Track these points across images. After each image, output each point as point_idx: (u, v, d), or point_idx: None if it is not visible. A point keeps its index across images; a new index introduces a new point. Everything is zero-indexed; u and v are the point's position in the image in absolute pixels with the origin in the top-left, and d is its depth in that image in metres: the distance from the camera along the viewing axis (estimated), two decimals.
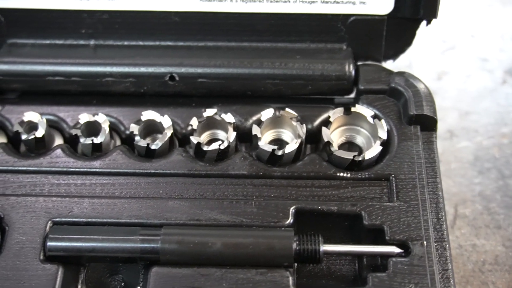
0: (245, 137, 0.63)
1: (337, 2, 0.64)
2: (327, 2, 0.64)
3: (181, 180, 0.59)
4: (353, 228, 0.59)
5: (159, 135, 0.63)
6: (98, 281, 0.58)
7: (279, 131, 0.63)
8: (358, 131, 0.63)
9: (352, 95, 0.66)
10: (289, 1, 0.64)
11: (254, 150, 0.62)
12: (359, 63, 0.66)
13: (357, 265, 0.58)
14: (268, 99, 0.65)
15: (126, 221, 0.56)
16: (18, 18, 0.66)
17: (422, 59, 0.84)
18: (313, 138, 0.64)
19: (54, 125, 0.64)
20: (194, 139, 0.60)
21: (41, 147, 0.62)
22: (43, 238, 0.56)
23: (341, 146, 0.62)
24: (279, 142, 0.63)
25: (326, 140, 0.60)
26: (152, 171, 0.59)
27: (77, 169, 0.60)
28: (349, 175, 0.59)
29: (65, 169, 0.60)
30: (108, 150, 0.62)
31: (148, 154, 0.61)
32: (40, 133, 0.61)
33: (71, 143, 0.63)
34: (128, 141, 0.64)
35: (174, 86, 0.65)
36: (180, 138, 0.64)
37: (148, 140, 0.62)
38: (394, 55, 0.67)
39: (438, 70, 0.83)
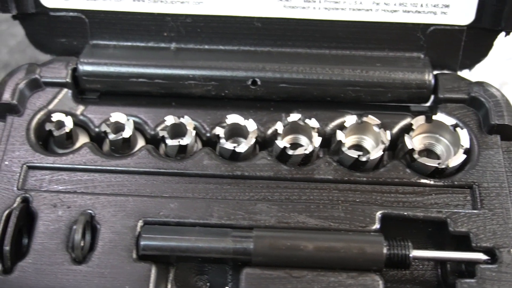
0: (323, 142, 0.64)
1: (419, 12, 0.65)
2: (408, 12, 0.65)
3: (267, 183, 0.60)
4: (436, 234, 0.60)
5: (240, 138, 0.64)
6: (185, 280, 0.59)
7: (360, 137, 0.64)
8: (437, 139, 0.64)
9: (428, 104, 0.67)
10: (371, 10, 0.65)
11: (334, 155, 0.63)
12: (436, 72, 0.67)
13: (439, 270, 0.59)
14: (346, 105, 0.66)
15: (216, 222, 0.58)
16: (102, 19, 0.67)
17: (482, 70, 0.85)
18: (390, 145, 0.65)
19: (135, 126, 0.65)
20: (280, 143, 0.61)
21: (126, 147, 0.63)
22: (136, 237, 0.57)
23: (419, 154, 0.63)
24: (358, 148, 0.64)
25: (410, 147, 0.61)
26: (238, 173, 0.60)
27: (163, 170, 0.61)
28: (432, 182, 0.60)
29: (152, 169, 0.61)
30: (192, 152, 0.63)
31: (233, 157, 0.62)
32: (127, 133, 0.62)
33: (153, 144, 0.64)
34: (208, 143, 0.65)
35: (255, 90, 0.66)
36: (260, 142, 0.65)
37: (231, 143, 0.62)
38: (470, 65, 0.68)
39: (499, 81, 0.84)
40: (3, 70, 0.86)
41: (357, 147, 0.64)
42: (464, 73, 0.70)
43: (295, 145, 0.64)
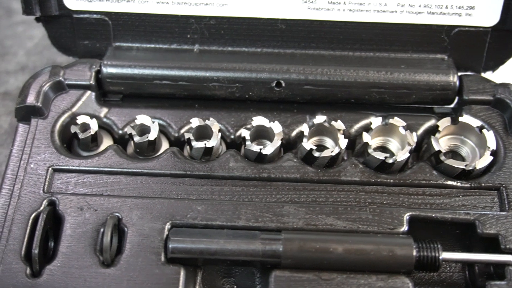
0: (347, 144, 0.64)
1: (443, 14, 0.65)
2: (433, 13, 0.65)
3: (293, 185, 0.60)
4: (464, 236, 0.59)
5: (265, 140, 0.64)
6: (213, 283, 0.59)
7: (385, 139, 0.64)
8: (463, 141, 0.64)
9: (452, 105, 0.67)
10: (396, 12, 0.65)
11: (359, 156, 0.63)
12: (460, 73, 0.67)
13: (467, 273, 0.59)
14: (370, 107, 0.66)
15: (244, 224, 0.57)
16: (125, 22, 0.67)
17: (506, 71, 0.84)
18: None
19: (159, 128, 0.65)
20: (306, 145, 0.61)
21: (151, 149, 0.63)
22: (164, 239, 0.56)
23: (444, 155, 0.63)
24: (383, 150, 0.64)
25: (436, 149, 0.60)
26: (264, 175, 0.60)
27: (189, 172, 0.61)
28: (459, 184, 0.60)
29: (178, 172, 0.60)
30: (217, 154, 0.63)
31: (258, 159, 0.61)
32: (152, 136, 0.62)
33: (176, 146, 0.64)
34: (232, 145, 0.65)
35: (279, 92, 0.66)
36: (284, 144, 0.65)
37: (256, 145, 0.62)
38: (494, 67, 0.68)
39: None
40: (21, 72, 0.86)
41: (382, 148, 0.64)
42: (487, 75, 0.69)
43: (320, 147, 0.64)
